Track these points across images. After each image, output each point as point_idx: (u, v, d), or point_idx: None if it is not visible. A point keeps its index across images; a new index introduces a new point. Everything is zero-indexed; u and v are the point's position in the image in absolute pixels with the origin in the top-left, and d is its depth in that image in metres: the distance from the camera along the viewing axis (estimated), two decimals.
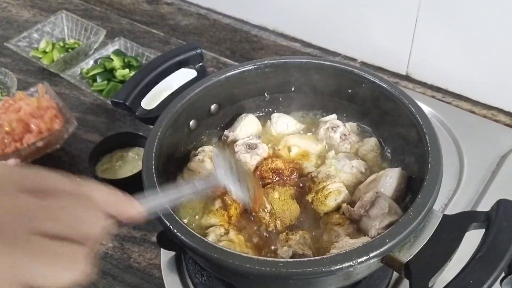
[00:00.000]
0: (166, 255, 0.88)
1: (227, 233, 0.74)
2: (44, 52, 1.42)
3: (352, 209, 0.74)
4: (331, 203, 0.76)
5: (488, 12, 0.99)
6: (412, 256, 0.61)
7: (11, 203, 0.36)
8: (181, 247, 0.66)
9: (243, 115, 0.93)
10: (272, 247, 0.74)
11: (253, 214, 0.76)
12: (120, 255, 0.93)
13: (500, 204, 0.62)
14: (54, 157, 1.14)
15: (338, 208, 0.77)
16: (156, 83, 0.89)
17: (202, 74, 0.93)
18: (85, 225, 0.39)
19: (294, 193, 0.80)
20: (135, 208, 0.46)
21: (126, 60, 1.35)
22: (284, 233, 0.73)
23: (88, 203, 0.40)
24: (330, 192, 0.76)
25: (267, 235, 0.76)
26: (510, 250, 0.57)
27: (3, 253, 0.33)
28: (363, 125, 0.92)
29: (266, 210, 0.76)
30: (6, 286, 0.33)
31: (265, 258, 0.60)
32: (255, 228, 0.77)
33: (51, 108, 1.13)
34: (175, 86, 0.90)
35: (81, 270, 0.37)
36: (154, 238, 0.95)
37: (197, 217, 0.79)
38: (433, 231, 0.63)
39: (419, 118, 0.76)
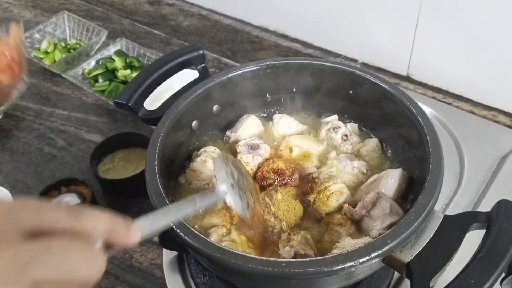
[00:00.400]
0: (168, 255, 0.89)
1: (229, 233, 0.74)
2: (46, 52, 1.43)
3: (354, 209, 0.74)
4: (333, 203, 0.77)
5: (489, 14, 0.99)
6: (413, 256, 0.62)
7: (11, 253, 0.35)
8: (183, 247, 0.66)
9: (245, 115, 0.93)
10: (274, 247, 0.74)
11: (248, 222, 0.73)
12: (122, 255, 0.94)
13: (501, 204, 0.63)
14: (56, 157, 1.14)
15: (339, 209, 0.77)
16: (159, 84, 0.89)
17: (204, 75, 0.93)
18: (84, 269, 0.38)
19: (296, 193, 0.81)
20: (134, 235, 0.45)
21: (127, 60, 1.36)
22: (286, 234, 0.74)
23: (86, 242, 0.40)
24: (332, 193, 0.77)
25: (269, 235, 0.76)
26: (511, 250, 0.58)
27: None
28: (364, 126, 0.93)
29: (271, 213, 0.77)
30: None
31: (268, 258, 0.61)
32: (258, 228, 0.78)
33: (4, 57, 0.97)
34: (177, 87, 0.91)
35: None
36: (156, 238, 0.95)
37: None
38: (434, 231, 0.64)
39: (420, 119, 0.77)
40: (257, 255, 0.63)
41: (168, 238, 0.81)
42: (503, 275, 0.70)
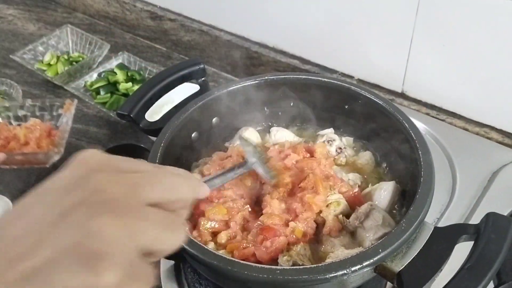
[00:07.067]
0: (165, 264, 0.90)
1: None
2: (49, 64, 1.46)
3: (348, 220, 0.76)
4: (330, 214, 0.78)
5: (481, 33, 1.02)
6: (404, 266, 0.63)
7: (117, 179, 0.38)
8: (180, 256, 0.68)
9: (243, 128, 0.96)
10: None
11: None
12: None
13: (489, 217, 0.65)
14: (57, 167, 1.16)
15: None
16: (160, 97, 0.92)
17: (204, 88, 0.96)
18: (182, 191, 0.43)
19: None
20: (205, 189, 0.51)
21: (129, 74, 1.39)
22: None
23: (177, 174, 0.45)
24: (330, 203, 0.79)
25: None
26: (498, 261, 0.60)
27: (121, 223, 0.36)
28: (359, 140, 0.95)
29: None
30: (129, 252, 0.36)
31: (263, 266, 0.63)
32: None
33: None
34: (177, 100, 0.93)
35: (184, 234, 0.41)
36: None
37: None
38: (425, 242, 0.66)
39: (412, 134, 0.79)
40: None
41: None
42: (493, 285, 0.72)
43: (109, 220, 0.35)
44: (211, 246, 0.74)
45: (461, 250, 0.65)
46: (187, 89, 0.96)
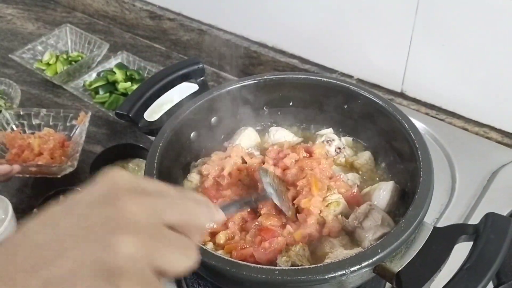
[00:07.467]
0: None
1: None
2: (48, 64, 1.45)
3: (347, 220, 0.76)
4: (329, 214, 0.78)
5: (480, 32, 1.02)
6: (403, 266, 0.63)
7: (141, 201, 0.41)
8: None
9: (242, 127, 0.96)
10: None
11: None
12: None
13: (488, 217, 0.65)
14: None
15: None
16: (159, 96, 0.91)
17: (203, 88, 0.96)
18: (200, 217, 0.45)
19: None
20: (222, 216, 0.52)
21: (128, 73, 1.38)
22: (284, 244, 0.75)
23: (197, 200, 0.47)
24: (330, 203, 0.78)
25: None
26: (497, 261, 0.60)
27: (139, 242, 0.38)
28: (358, 139, 0.95)
29: None
30: (145, 271, 0.38)
31: (261, 266, 0.63)
32: None
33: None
34: (176, 100, 0.93)
35: (195, 258, 0.42)
36: None
37: None
38: (424, 242, 0.65)
39: (411, 134, 0.79)
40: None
41: None
42: (492, 286, 0.72)
43: (128, 238, 0.37)
44: (209, 246, 0.74)
45: (461, 250, 0.64)
46: (186, 88, 0.96)
